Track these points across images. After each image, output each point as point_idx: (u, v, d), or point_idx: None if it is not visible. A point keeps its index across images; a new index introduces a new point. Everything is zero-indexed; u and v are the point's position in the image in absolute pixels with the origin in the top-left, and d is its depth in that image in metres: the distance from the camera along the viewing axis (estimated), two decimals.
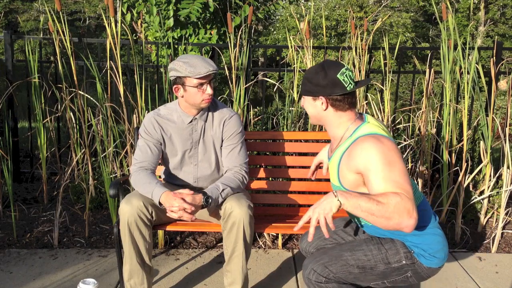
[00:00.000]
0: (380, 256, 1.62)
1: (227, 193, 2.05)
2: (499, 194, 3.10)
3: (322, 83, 1.62)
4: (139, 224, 1.99)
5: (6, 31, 3.70)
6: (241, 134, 2.21)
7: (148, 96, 3.29)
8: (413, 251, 1.62)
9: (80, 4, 17.90)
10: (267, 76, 13.68)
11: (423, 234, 1.62)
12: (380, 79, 3.95)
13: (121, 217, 1.99)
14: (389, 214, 1.41)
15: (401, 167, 1.50)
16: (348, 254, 1.63)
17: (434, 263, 1.62)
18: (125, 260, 2.05)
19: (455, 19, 15.46)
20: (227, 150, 2.19)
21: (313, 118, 1.72)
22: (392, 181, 1.46)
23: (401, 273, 1.63)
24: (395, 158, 1.50)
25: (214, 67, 1.99)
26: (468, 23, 18.30)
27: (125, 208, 1.98)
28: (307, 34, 3.26)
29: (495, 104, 3.50)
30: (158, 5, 4.66)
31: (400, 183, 1.46)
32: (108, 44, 3.24)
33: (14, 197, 3.58)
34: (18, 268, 2.56)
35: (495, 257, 2.80)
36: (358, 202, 1.42)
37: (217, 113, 2.17)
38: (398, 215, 1.41)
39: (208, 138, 2.17)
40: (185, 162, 2.20)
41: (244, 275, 2.07)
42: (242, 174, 2.16)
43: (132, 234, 2.00)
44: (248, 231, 2.01)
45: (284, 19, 17.26)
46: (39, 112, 3.41)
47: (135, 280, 2.06)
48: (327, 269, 1.61)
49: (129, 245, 2.01)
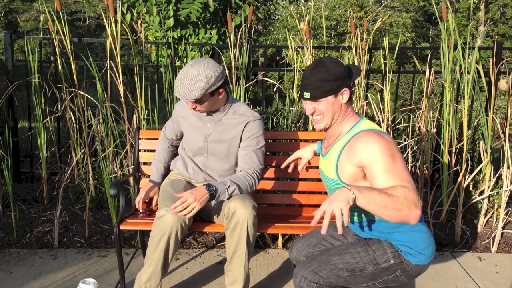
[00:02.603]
0: (368, 258, 1.64)
1: (233, 190, 2.03)
2: (499, 194, 3.10)
3: (342, 75, 1.63)
4: (179, 233, 1.99)
5: (6, 31, 3.70)
6: (260, 138, 2.21)
7: (148, 96, 3.29)
8: (400, 250, 1.64)
9: (80, 4, 17.91)
10: (267, 76, 13.68)
11: (408, 232, 1.64)
12: (380, 79, 3.95)
13: (163, 225, 1.96)
14: (399, 206, 1.43)
15: (402, 160, 1.54)
16: (337, 258, 1.65)
17: (421, 260, 1.63)
18: (149, 264, 2.01)
19: (455, 19, 15.45)
20: (244, 152, 2.19)
21: (329, 117, 1.69)
22: (397, 174, 1.49)
23: (390, 273, 1.64)
24: (397, 152, 1.55)
25: (190, 95, 1.99)
26: (468, 23, 18.31)
27: (170, 218, 1.96)
28: (307, 34, 3.26)
29: (495, 104, 3.50)
30: (158, 5, 4.66)
31: (404, 176, 1.49)
32: (108, 44, 3.24)
33: (14, 197, 3.58)
34: (18, 268, 2.56)
35: (495, 257, 2.80)
36: (371, 196, 1.42)
37: (238, 116, 2.19)
38: (407, 207, 1.43)
39: (221, 136, 2.19)
40: (196, 152, 2.25)
41: (246, 275, 2.07)
42: (254, 178, 2.15)
43: (169, 243, 1.98)
44: (252, 231, 2.01)
45: (284, 19, 17.27)
46: (39, 112, 3.41)
47: (151, 283, 2.04)
48: (317, 275, 1.62)
49: (160, 252, 1.99)
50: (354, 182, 1.62)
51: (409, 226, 1.64)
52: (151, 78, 5.73)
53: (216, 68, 2.01)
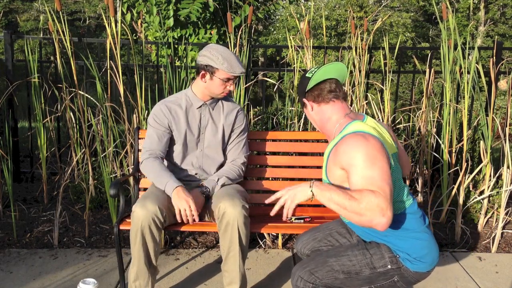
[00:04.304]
0: (365, 261, 1.63)
1: (224, 181, 2.21)
2: (499, 194, 3.10)
3: (300, 89, 1.78)
4: (153, 228, 2.00)
5: (6, 31, 3.70)
6: (246, 127, 2.37)
7: (148, 96, 3.29)
8: (398, 256, 1.62)
9: (80, 4, 17.91)
10: (267, 76, 13.67)
11: (407, 238, 1.62)
12: (380, 79, 3.95)
13: (135, 221, 1.98)
14: (361, 210, 1.44)
15: (383, 166, 1.51)
16: (333, 260, 1.65)
17: (421, 268, 1.61)
18: (133, 262, 2.04)
19: (455, 19, 15.43)
20: (234, 143, 2.32)
21: (317, 127, 1.81)
22: (370, 178, 1.48)
23: (387, 278, 1.63)
24: (379, 157, 1.51)
25: (244, 70, 2.16)
26: (468, 23, 18.31)
27: (140, 213, 1.97)
28: (307, 34, 3.26)
29: (495, 104, 3.50)
30: (158, 5, 4.66)
31: (378, 182, 1.47)
32: (108, 44, 3.24)
33: (14, 197, 3.58)
34: (18, 268, 2.56)
35: (495, 257, 2.80)
36: (331, 195, 1.47)
37: (227, 103, 2.31)
38: (370, 212, 1.43)
39: (217, 124, 2.27)
40: (191, 148, 2.27)
41: (242, 275, 2.08)
42: (239, 164, 2.31)
43: (144, 238, 1.99)
44: (244, 231, 2.01)
45: (284, 19, 17.26)
46: (39, 112, 3.41)
47: (140, 281, 2.06)
48: (313, 276, 1.64)
49: (139, 248, 2.00)
50: (342, 184, 1.62)
51: (408, 232, 1.63)
52: (151, 78, 5.73)
53: None
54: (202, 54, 2.14)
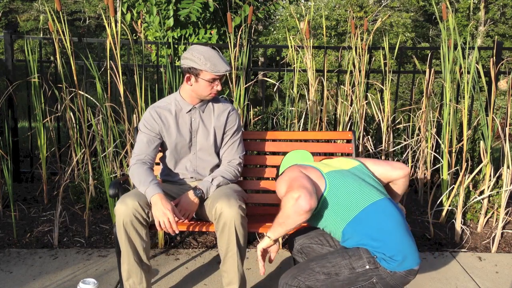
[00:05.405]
0: (344, 262, 1.72)
1: (219, 181, 2.19)
2: (499, 194, 3.10)
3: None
4: (135, 224, 2.00)
5: (6, 31, 3.70)
6: (240, 127, 2.33)
7: (148, 96, 3.29)
8: (376, 256, 1.70)
9: (80, 4, 17.91)
10: (267, 76, 13.68)
11: (380, 239, 1.71)
12: (380, 79, 3.95)
13: (117, 218, 2.00)
14: (285, 213, 1.72)
15: (298, 175, 1.83)
16: (314, 263, 1.76)
17: (394, 267, 1.68)
18: (123, 260, 2.05)
19: (455, 19, 15.44)
20: (228, 144, 2.29)
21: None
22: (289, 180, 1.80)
23: (366, 279, 1.71)
24: (294, 176, 1.83)
25: (230, 67, 2.11)
26: (468, 23, 18.31)
27: (120, 209, 1.98)
28: (307, 34, 3.26)
29: (495, 104, 3.50)
30: (158, 5, 4.66)
31: (292, 186, 1.75)
32: (108, 44, 3.24)
33: (14, 197, 3.58)
34: (18, 268, 2.56)
35: (495, 257, 2.80)
36: (272, 226, 1.79)
37: (218, 105, 2.27)
38: (289, 207, 1.69)
39: (208, 127, 2.24)
40: (184, 152, 2.25)
41: (241, 275, 2.08)
42: (235, 165, 2.29)
43: (128, 234, 2.00)
44: (241, 231, 2.01)
45: (284, 19, 17.26)
46: (39, 112, 3.41)
47: (133, 279, 2.06)
48: (297, 279, 1.75)
49: (125, 245, 2.01)
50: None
51: (381, 232, 1.71)
52: (151, 78, 5.73)
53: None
54: (184, 57, 2.09)
